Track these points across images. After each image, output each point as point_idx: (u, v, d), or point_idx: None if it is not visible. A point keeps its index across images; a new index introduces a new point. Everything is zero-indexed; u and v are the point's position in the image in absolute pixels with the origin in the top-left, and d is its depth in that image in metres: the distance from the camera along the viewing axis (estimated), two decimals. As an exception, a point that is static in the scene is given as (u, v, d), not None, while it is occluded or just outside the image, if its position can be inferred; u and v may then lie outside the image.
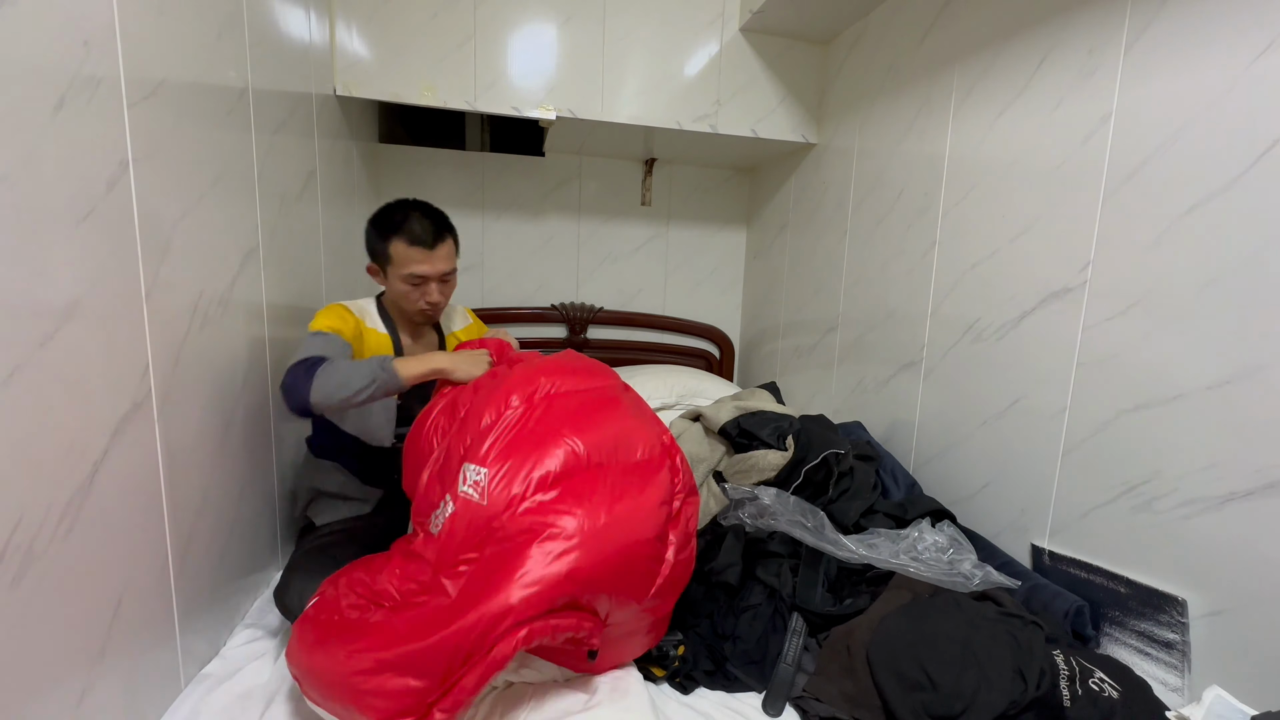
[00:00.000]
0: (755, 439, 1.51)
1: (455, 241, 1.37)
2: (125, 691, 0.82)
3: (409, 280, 1.31)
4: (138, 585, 0.84)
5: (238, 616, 1.16)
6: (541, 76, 1.90)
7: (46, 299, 0.68)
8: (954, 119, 1.49)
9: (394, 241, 1.29)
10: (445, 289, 1.36)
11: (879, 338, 1.78)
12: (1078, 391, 1.19)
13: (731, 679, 1.04)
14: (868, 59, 1.86)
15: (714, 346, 2.74)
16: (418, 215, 1.31)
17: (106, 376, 0.78)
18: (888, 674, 0.93)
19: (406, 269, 1.29)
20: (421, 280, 1.31)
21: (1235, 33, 0.94)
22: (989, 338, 1.39)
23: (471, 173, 2.42)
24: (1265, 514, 0.91)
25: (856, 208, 1.89)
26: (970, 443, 1.45)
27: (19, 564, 0.64)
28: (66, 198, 0.71)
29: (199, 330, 0.99)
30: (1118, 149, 1.11)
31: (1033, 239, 1.28)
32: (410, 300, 1.33)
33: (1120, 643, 1.09)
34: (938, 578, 1.13)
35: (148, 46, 0.86)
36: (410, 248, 1.29)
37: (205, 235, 1.02)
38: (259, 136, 1.22)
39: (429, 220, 1.31)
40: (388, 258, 1.31)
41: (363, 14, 1.77)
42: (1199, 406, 0.99)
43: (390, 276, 1.33)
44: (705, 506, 1.49)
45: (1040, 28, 1.26)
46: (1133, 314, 1.09)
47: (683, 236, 2.68)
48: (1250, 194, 0.92)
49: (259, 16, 1.22)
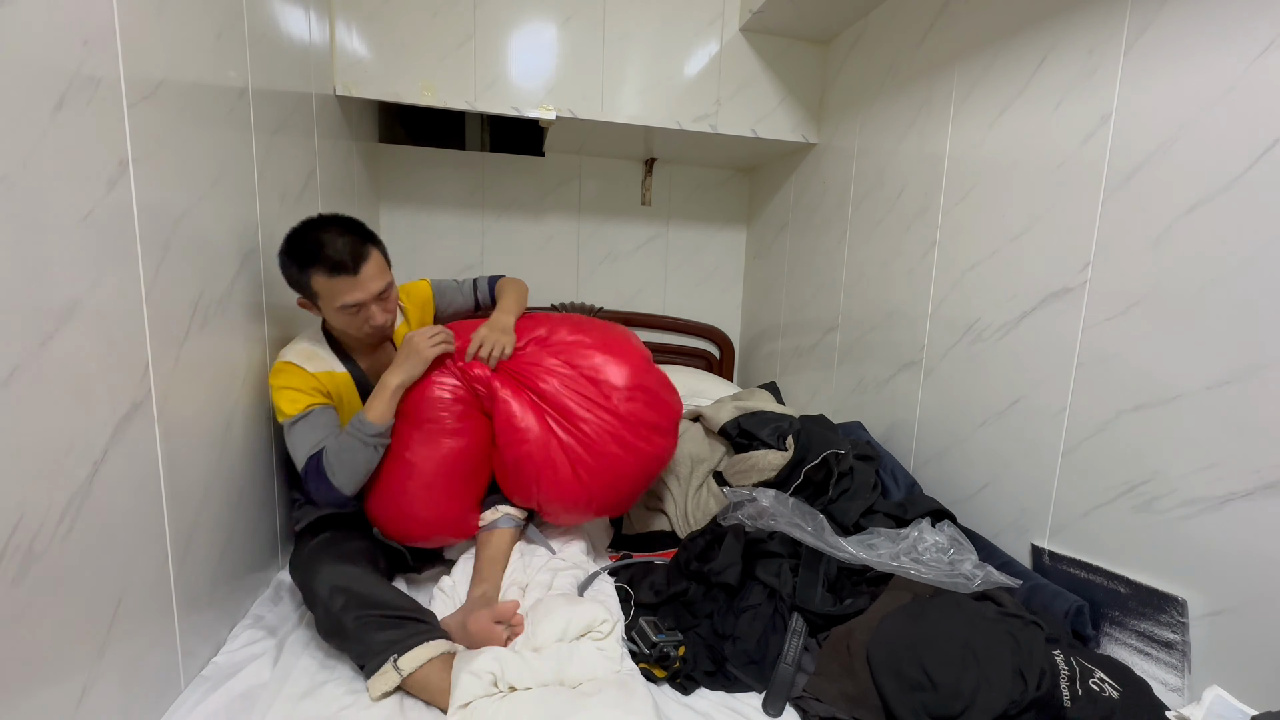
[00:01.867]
0: (755, 439, 1.51)
1: (382, 251, 1.24)
2: (125, 691, 0.82)
3: (345, 311, 1.18)
4: (138, 585, 0.84)
5: (238, 616, 1.16)
6: (541, 76, 1.90)
7: (46, 299, 0.68)
8: (954, 119, 1.49)
9: (314, 275, 1.15)
10: (386, 306, 1.24)
11: (879, 338, 1.78)
12: (1077, 391, 1.19)
13: (731, 679, 1.04)
14: (868, 59, 1.85)
15: (714, 346, 2.74)
16: (331, 235, 1.16)
17: (106, 376, 0.78)
18: (888, 674, 0.93)
19: (337, 301, 1.16)
20: (358, 307, 1.19)
21: (1235, 33, 0.94)
22: (989, 338, 1.39)
23: (471, 173, 2.42)
24: (1265, 514, 0.91)
25: (856, 208, 1.89)
26: (970, 443, 1.45)
27: (19, 563, 0.64)
28: (66, 198, 0.71)
29: (199, 330, 0.99)
30: (1118, 149, 1.11)
31: (1033, 239, 1.28)
32: (354, 327, 1.22)
33: (1120, 643, 1.09)
34: (939, 579, 1.13)
35: (147, 46, 0.86)
36: (333, 278, 1.15)
37: (205, 235, 1.02)
38: (259, 136, 1.22)
39: (346, 238, 1.16)
40: (313, 290, 1.17)
41: (363, 14, 1.77)
42: (1199, 406, 0.99)
43: (324, 310, 1.21)
44: (705, 507, 1.49)
45: (1040, 28, 1.26)
46: (1133, 314, 1.09)
47: (683, 236, 2.68)
48: (1250, 194, 0.92)
49: (259, 16, 1.22)
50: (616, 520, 1.62)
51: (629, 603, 1.19)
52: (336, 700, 0.95)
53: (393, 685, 0.95)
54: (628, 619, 1.15)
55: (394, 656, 0.96)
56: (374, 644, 0.98)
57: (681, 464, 1.59)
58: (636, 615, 1.15)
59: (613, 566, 1.33)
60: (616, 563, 1.36)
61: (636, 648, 1.08)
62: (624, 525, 1.58)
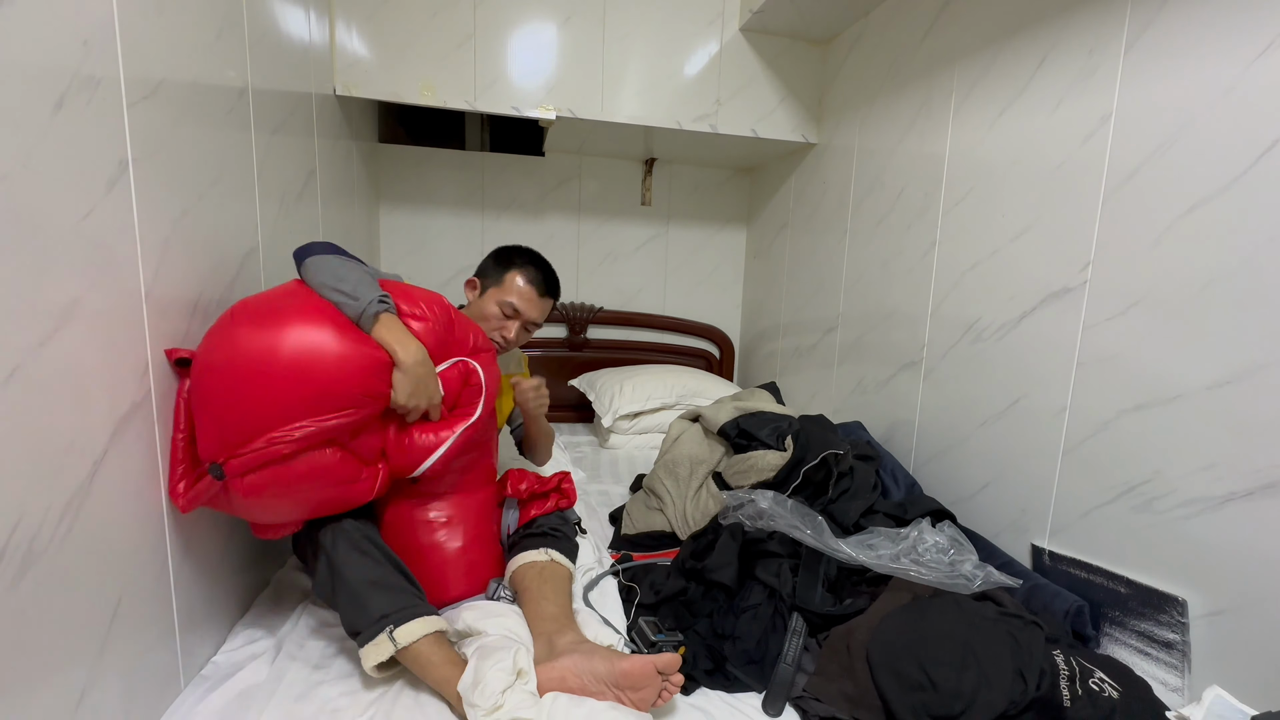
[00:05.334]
0: (754, 440, 1.51)
1: (555, 308, 1.48)
2: (125, 691, 0.82)
3: (503, 307, 1.38)
4: (137, 585, 0.84)
5: (238, 616, 1.16)
6: (541, 76, 1.90)
7: (46, 299, 0.68)
8: (954, 119, 1.49)
9: (513, 271, 1.39)
10: (523, 335, 1.43)
11: (879, 338, 1.78)
12: (1078, 391, 1.19)
13: (731, 679, 1.04)
14: (868, 59, 1.85)
15: (714, 346, 2.74)
16: (543, 268, 1.43)
17: (106, 376, 0.78)
18: (888, 674, 0.93)
19: (508, 297, 1.38)
20: (513, 314, 1.39)
21: (1235, 33, 0.94)
22: (989, 338, 1.39)
23: (471, 172, 2.42)
24: (1265, 514, 0.91)
25: (856, 207, 1.89)
26: (970, 443, 1.45)
27: (19, 564, 0.64)
28: (66, 197, 0.71)
29: (199, 330, 0.99)
30: (1118, 149, 1.11)
31: (1033, 239, 1.28)
32: (490, 325, 1.38)
33: (1120, 643, 1.09)
34: (939, 580, 1.12)
35: (147, 46, 0.86)
36: (524, 284, 1.39)
37: (205, 235, 1.02)
38: (259, 136, 1.22)
39: (552, 279, 1.44)
40: (498, 281, 1.39)
41: (363, 14, 1.77)
42: (1199, 406, 0.99)
43: (487, 296, 1.40)
44: (705, 508, 1.49)
45: (1040, 28, 1.26)
46: (1133, 314, 1.09)
47: (683, 236, 2.68)
48: (1250, 194, 0.92)
49: (259, 16, 1.22)
50: (616, 520, 1.62)
51: (631, 602, 1.20)
52: (331, 701, 0.95)
53: (386, 655, 0.94)
54: (629, 619, 1.15)
55: (389, 627, 0.95)
56: (370, 609, 0.96)
57: (680, 465, 1.59)
58: (637, 615, 1.15)
59: (617, 567, 1.33)
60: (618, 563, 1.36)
61: (636, 647, 1.08)
62: (624, 525, 1.58)
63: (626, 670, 0.90)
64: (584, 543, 1.37)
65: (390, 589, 1.00)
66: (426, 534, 1.16)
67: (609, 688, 0.91)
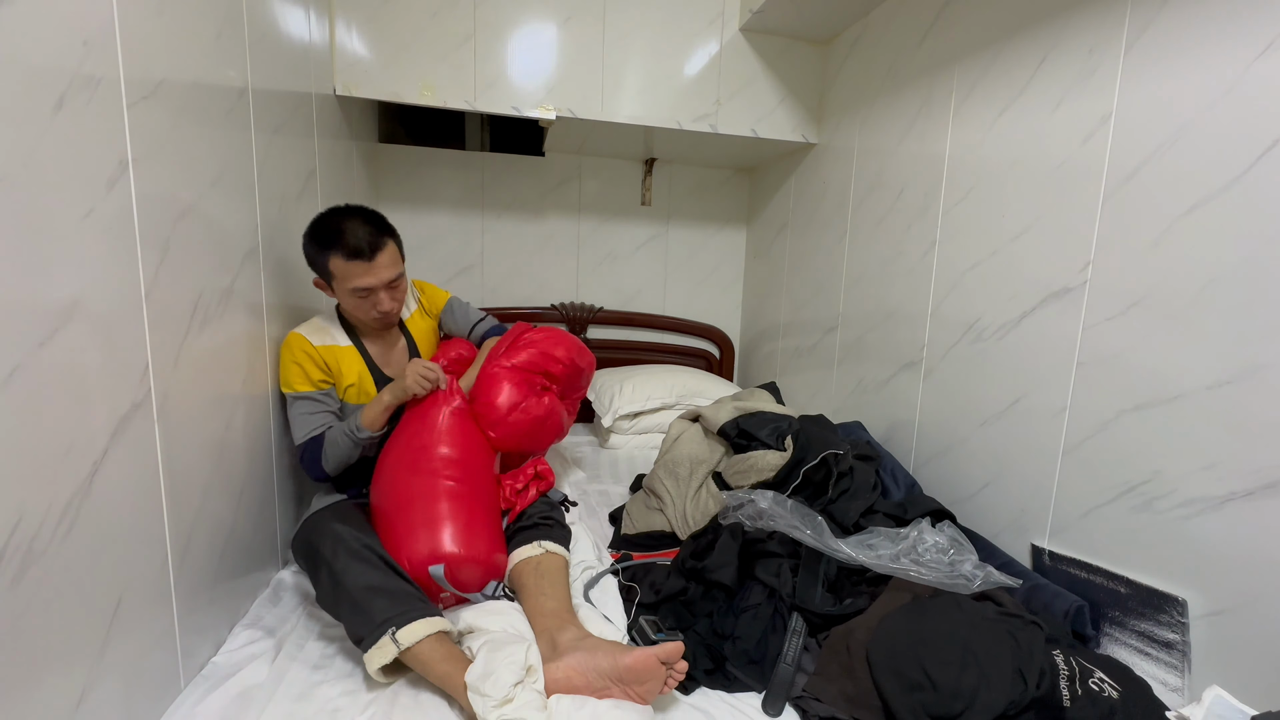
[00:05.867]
0: (754, 439, 1.51)
1: (398, 243, 1.33)
2: (125, 691, 0.82)
3: (355, 294, 1.28)
4: (138, 585, 0.84)
5: (238, 616, 1.16)
6: (541, 76, 1.90)
7: (46, 299, 0.68)
8: (954, 119, 1.49)
9: (332, 257, 1.25)
10: (395, 294, 1.33)
11: (879, 338, 1.78)
12: (1078, 391, 1.19)
13: (731, 679, 1.04)
14: (868, 59, 1.85)
15: (714, 346, 2.74)
16: (354, 224, 1.25)
17: (106, 376, 0.78)
18: (887, 674, 0.93)
19: (350, 283, 1.26)
20: (368, 292, 1.28)
21: (1235, 33, 0.94)
22: (989, 338, 1.39)
23: (471, 173, 2.42)
24: (1265, 514, 0.91)
25: (856, 208, 1.89)
26: (970, 443, 1.45)
27: (19, 564, 0.64)
28: (66, 198, 0.71)
29: (199, 330, 0.99)
30: (1118, 149, 1.11)
31: (1033, 239, 1.28)
32: (362, 311, 1.32)
33: (1120, 643, 1.09)
34: (939, 580, 1.12)
35: (147, 46, 0.86)
36: (349, 262, 1.24)
37: (205, 235, 1.02)
38: (259, 136, 1.22)
39: (366, 228, 1.26)
40: (328, 271, 1.27)
41: (363, 14, 1.77)
42: (1199, 406, 0.99)
43: (337, 291, 1.31)
44: (705, 508, 1.49)
45: (1040, 28, 1.26)
46: (1133, 314, 1.09)
47: (683, 236, 2.68)
48: (1250, 194, 0.92)
49: (259, 16, 1.22)
50: (616, 520, 1.62)
51: (632, 601, 1.20)
52: (331, 701, 0.95)
53: (390, 658, 0.94)
54: (630, 618, 1.15)
55: (391, 630, 0.96)
56: (373, 615, 0.98)
57: (680, 465, 1.59)
58: (637, 614, 1.15)
59: (616, 567, 1.33)
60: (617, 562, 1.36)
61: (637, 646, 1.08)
62: (624, 525, 1.58)
63: (630, 665, 0.90)
64: (584, 540, 1.37)
65: (391, 594, 1.01)
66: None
67: (613, 683, 0.91)
